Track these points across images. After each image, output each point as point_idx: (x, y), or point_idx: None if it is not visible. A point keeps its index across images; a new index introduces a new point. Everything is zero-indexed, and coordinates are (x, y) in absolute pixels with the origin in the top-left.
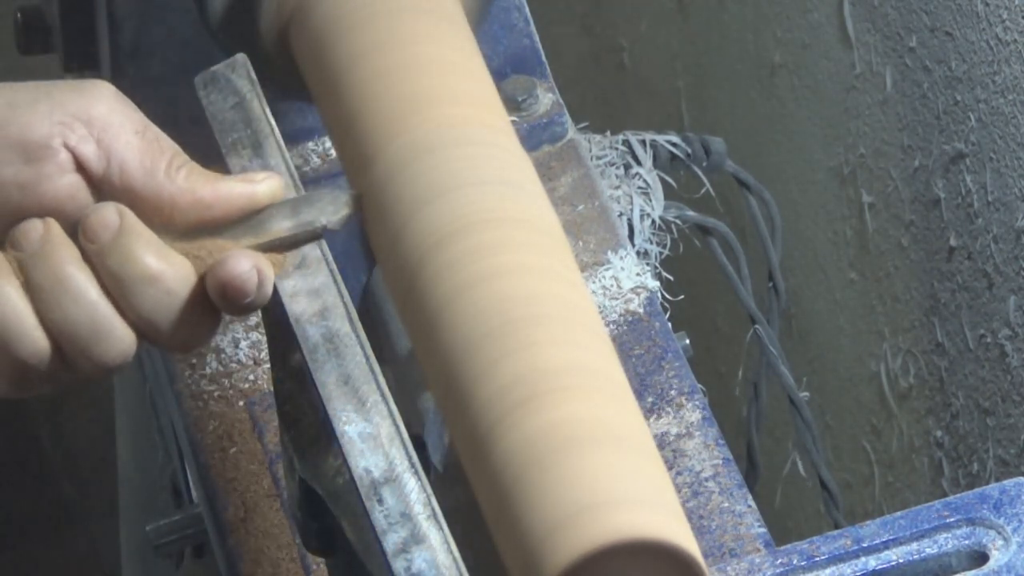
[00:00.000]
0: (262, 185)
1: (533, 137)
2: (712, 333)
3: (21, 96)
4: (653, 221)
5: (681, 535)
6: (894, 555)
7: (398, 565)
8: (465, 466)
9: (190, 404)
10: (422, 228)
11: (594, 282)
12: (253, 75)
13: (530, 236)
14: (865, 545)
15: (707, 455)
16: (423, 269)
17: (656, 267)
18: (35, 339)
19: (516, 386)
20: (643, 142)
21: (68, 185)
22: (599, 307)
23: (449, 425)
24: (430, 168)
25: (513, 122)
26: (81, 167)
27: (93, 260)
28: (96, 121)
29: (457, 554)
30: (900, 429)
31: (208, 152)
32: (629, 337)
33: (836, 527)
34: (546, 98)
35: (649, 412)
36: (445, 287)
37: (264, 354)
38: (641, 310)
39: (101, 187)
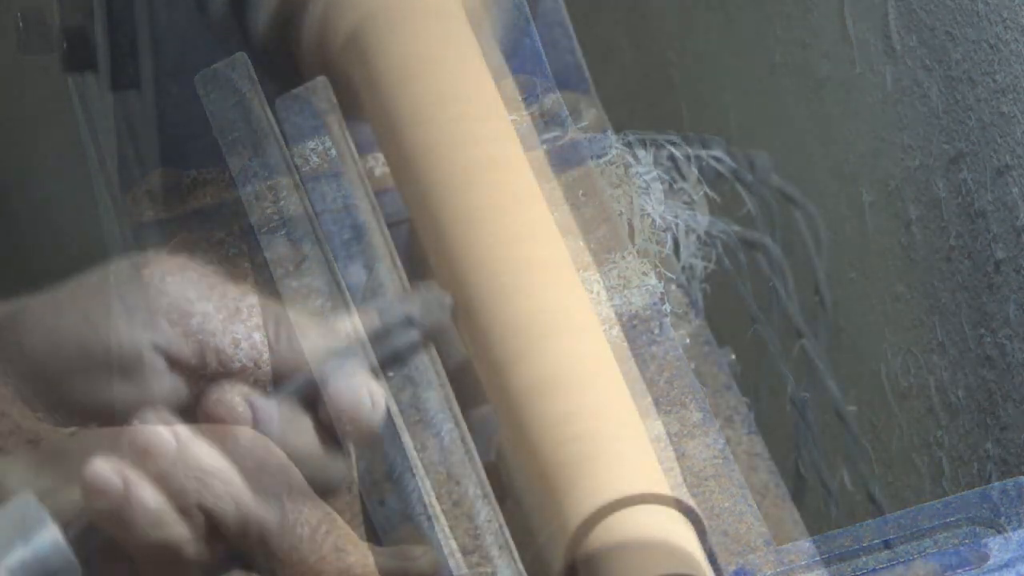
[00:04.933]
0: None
1: (578, 153)
2: (754, 347)
3: None
4: (698, 236)
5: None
6: (894, 555)
7: None
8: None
9: None
10: None
11: (595, 282)
12: (253, 74)
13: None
14: (865, 545)
15: (707, 455)
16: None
17: (701, 282)
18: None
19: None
20: (687, 157)
21: None
22: (598, 308)
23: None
24: None
25: (556, 138)
26: None
27: None
28: None
29: (458, 554)
30: (900, 429)
31: (208, 152)
32: (630, 337)
33: (836, 527)
34: (589, 114)
35: (649, 412)
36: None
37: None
38: (643, 310)
39: None
